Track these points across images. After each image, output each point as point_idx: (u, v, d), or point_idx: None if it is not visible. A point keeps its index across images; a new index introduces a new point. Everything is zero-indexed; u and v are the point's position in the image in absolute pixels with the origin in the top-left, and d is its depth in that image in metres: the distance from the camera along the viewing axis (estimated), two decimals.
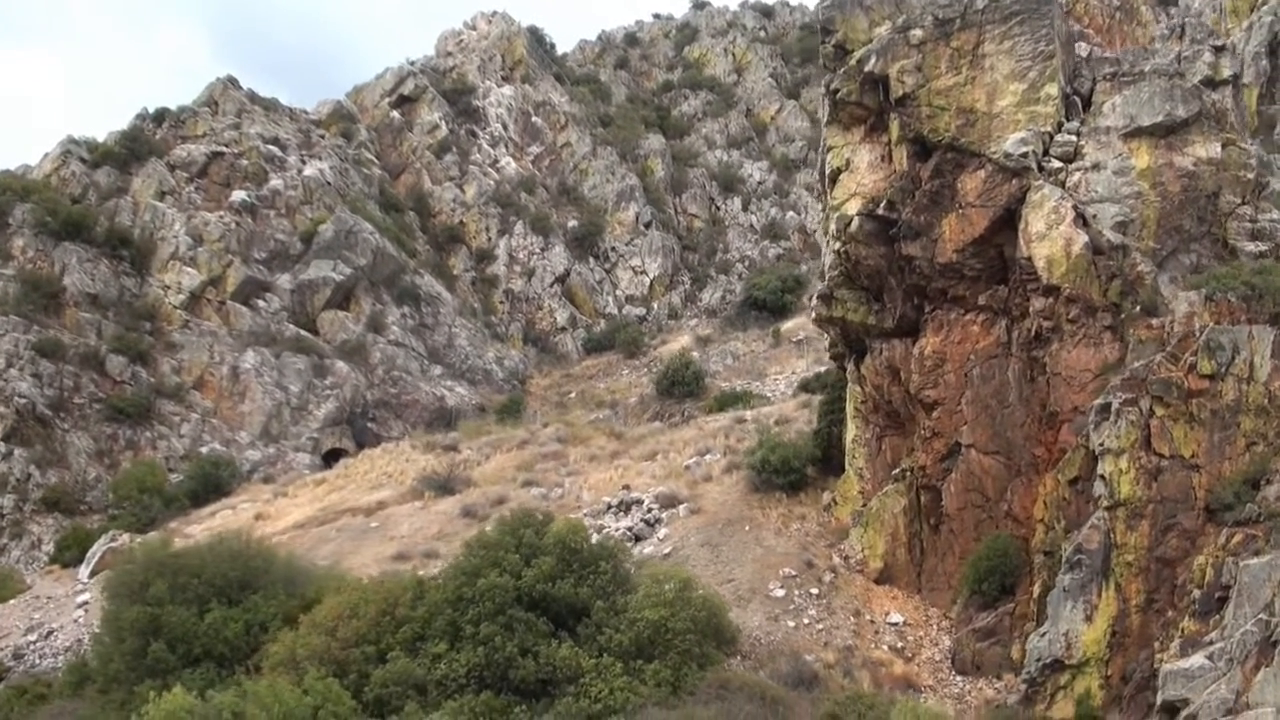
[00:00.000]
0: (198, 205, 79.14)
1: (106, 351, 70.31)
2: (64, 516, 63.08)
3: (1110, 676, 29.78)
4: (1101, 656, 29.89)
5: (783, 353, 69.25)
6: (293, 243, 78.16)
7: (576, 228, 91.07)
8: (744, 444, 43.99)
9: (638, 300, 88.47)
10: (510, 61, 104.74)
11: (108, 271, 74.80)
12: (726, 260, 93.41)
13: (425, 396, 72.66)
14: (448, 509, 43.73)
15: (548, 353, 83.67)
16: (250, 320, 73.43)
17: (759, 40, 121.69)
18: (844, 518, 37.94)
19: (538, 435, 52.04)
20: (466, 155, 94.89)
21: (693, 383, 62.45)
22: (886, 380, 37.10)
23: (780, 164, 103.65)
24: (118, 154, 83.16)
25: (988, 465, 35.12)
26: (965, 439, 35.37)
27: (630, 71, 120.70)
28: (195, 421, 68.65)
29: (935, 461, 35.94)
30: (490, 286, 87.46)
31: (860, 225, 35.74)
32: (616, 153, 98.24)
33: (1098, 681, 29.83)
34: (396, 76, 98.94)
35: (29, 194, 78.35)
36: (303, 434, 68.47)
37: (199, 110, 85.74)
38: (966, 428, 35.32)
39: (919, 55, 35.79)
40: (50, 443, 66.16)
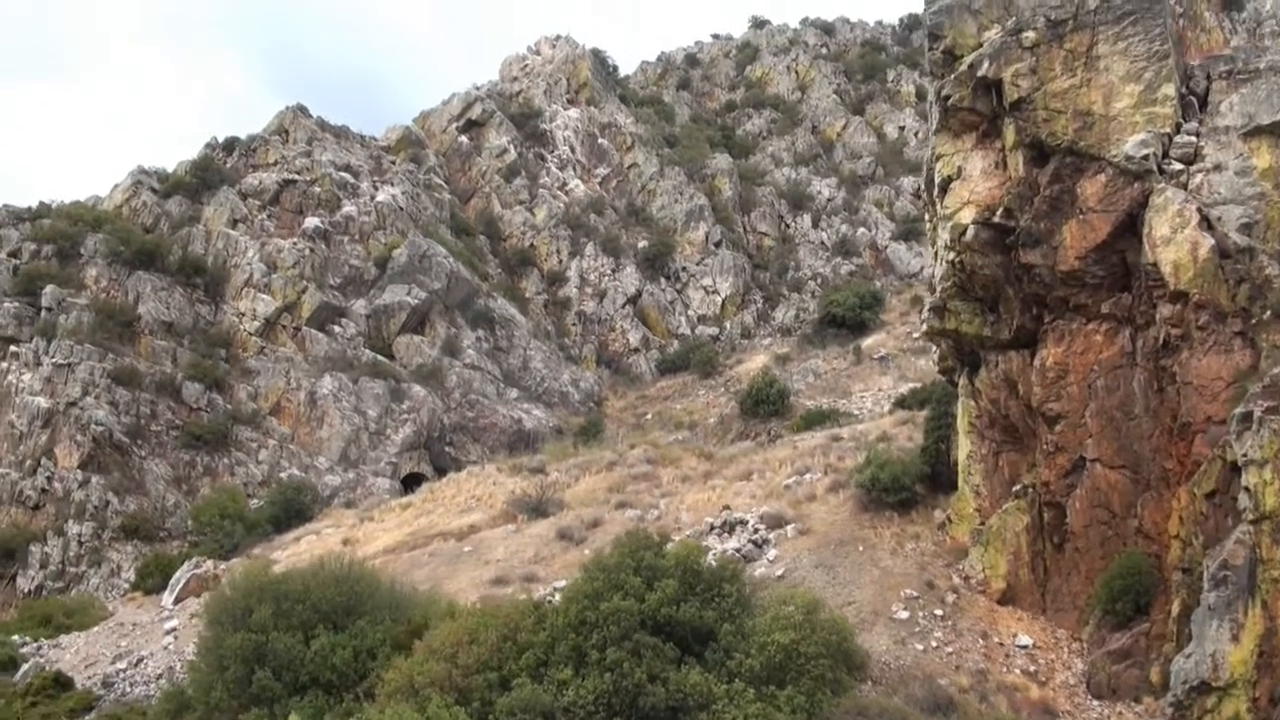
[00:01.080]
0: (270, 233, 79.34)
1: (182, 379, 70.53)
2: (143, 543, 63.14)
3: (1258, 699, 28.25)
4: (1249, 678, 28.36)
5: (865, 370, 67.97)
6: (367, 268, 78.09)
7: (646, 248, 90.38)
8: (844, 462, 42.80)
9: (710, 320, 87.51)
10: (575, 84, 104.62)
11: (182, 299, 75.10)
12: (798, 278, 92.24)
13: (503, 420, 72.02)
14: (542, 532, 42.83)
15: (621, 374, 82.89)
16: (326, 346, 73.27)
17: (821, 57, 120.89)
18: (960, 537, 36.60)
19: (626, 457, 51.09)
20: (535, 178, 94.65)
21: (777, 401, 61.32)
22: (1003, 394, 35.80)
23: (848, 180, 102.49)
24: (188, 183, 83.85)
25: (1114, 480, 33.65)
26: (1090, 453, 33.93)
27: (692, 92, 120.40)
28: (273, 447, 68.48)
29: (1058, 477, 34.51)
30: (562, 309, 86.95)
31: (976, 234, 34.53)
32: (684, 173, 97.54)
33: (1245, 704, 28.29)
34: (464, 101, 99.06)
35: (101, 224, 79.24)
36: (381, 458, 68.03)
37: (269, 138, 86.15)
38: (1091, 441, 33.88)
39: (1032, 58, 34.63)
40: (128, 470, 66.34)
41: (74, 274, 75.82)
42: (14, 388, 69.44)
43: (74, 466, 65.31)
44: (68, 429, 66.24)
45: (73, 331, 70.12)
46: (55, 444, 66.28)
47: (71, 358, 68.72)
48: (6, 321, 71.97)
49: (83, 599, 57.16)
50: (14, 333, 71.75)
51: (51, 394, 67.81)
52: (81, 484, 64.48)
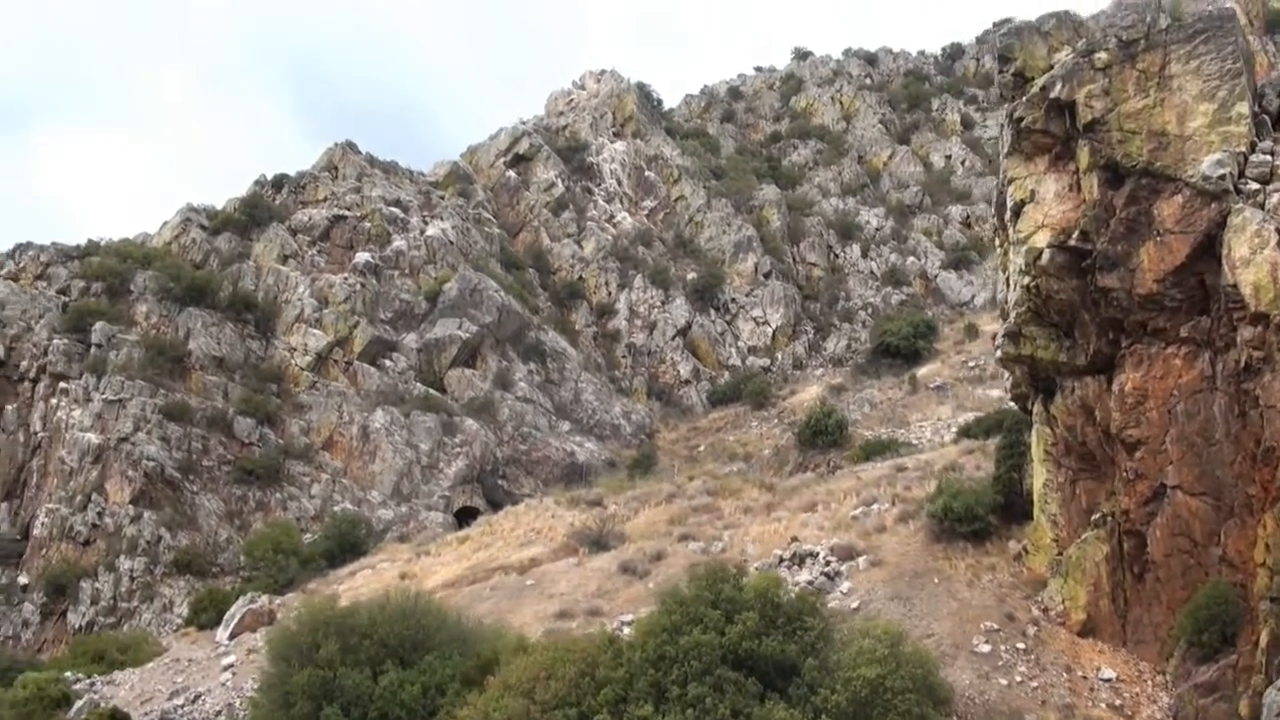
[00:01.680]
0: (321, 268, 79.59)
1: (234, 414, 70.59)
2: (195, 578, 63.08)
3: None
4: None
5: (921, 399, 67.08)
6: (417, 302, 78.12)
7: (695, 280, 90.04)
8: (911, 492, 41.96)
9: (760, 351, 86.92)
10: (621, 118, 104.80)
11: (233, 335, 75.33)
12: (849, 308, 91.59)
13: (555, 453, 71.61)
14: (604, 565, 42.22)
15: (672, 406, 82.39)
16: (378, 380, 73.23)
17: (865, 87, 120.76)
18: (1037, 567, 35.66)
19: (685, 489, 50.42)
20: (583, 211, 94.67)
21: (836, 432, 60.55)
22: (1080, 420, 34.92)
23: (896, 210, 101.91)
24: (238, 220, 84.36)
25: (1195, 507, 32.64)
26: (1170, 480, 32.95)
27: (737, 124, 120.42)
28: (325, 482, 68.34)
29: (1138, 505, 33.53)
30: (612, 341, 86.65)
31: (1051, 258, 33.78)
32: (731, 204, 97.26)
33: None
34: (511, 136, 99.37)
35: (150, 261, 79.65)
36: (434, 492, 67.74)
37: (319, 175, 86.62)
38: (1171, 468, 32.91)
39: (1105, 79, 33.97)
40: (179, 505, 66.37)
41: (124, 310, 76.24)
42: (64, 424, 69.69)
43: (125, 502, 65.44)
44: (119, 464, 66.39)
45: (123, 367, 70.40)
46: (106, 479, 66.42)
47: (122, 393, 68.93)
48: (56, 358, 72.35)
49: (136, 635, 56.89)
50: (63, 369, 72.10)
51: (102, 430, 67.99)
52: (133, 519, 64.56)
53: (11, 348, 74.53)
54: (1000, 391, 65.84)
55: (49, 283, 79.35)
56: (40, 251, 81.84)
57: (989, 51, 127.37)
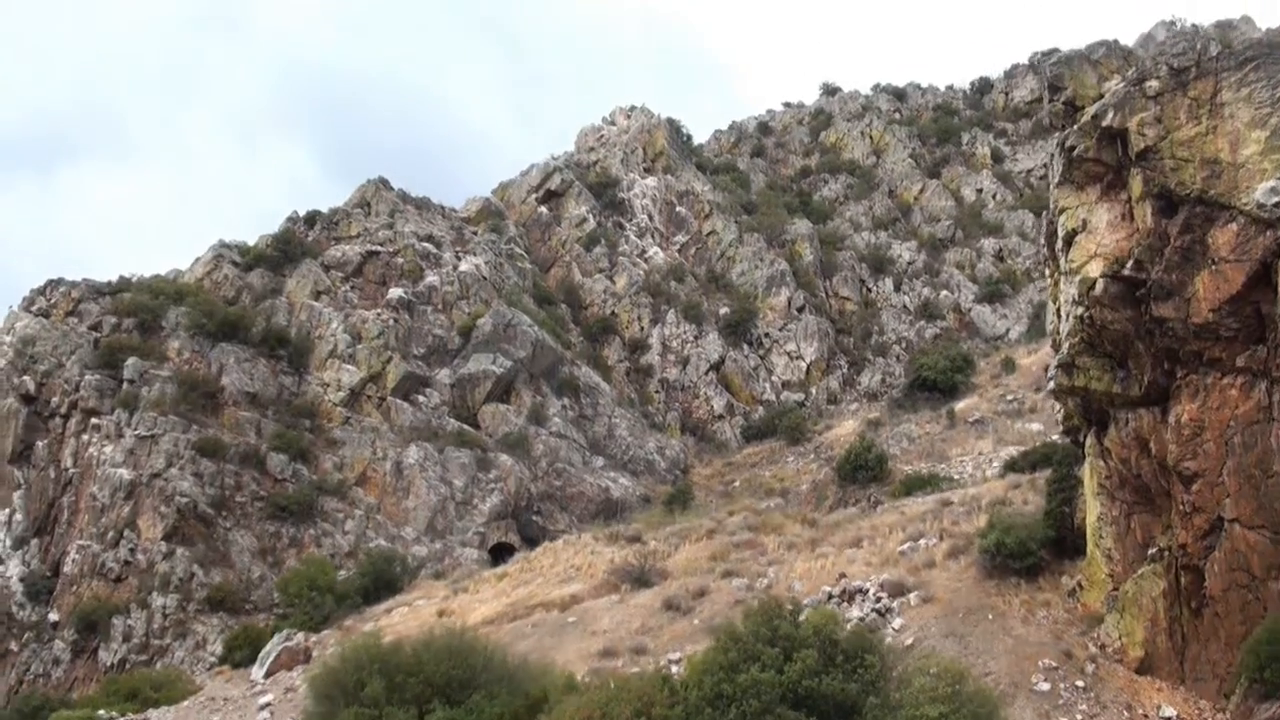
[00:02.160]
0: (354, 304, 79.58)
1: (267, 450, 70.36)
2: (229, 616, 62.66)
3: None
4: None
5: (960, 434, 66.29)
6: (451, 337, 77.96)
7: (728, 314, 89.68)
8: (959, 527, 41.31)
9: (794, 386, 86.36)
10: (651, 153, 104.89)
11: (266, 370, 75.24)
12: (882, 342, 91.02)
13: (590, 488, 71.09)
14: (647, 602, 41.65)
15: (706, 441, 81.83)
16: (411, 415, 72.96)
17: (895, 122, 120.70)
18: (1093, 603, 34.91)
19: (725, 524, 49.83)
20: (615, 247, 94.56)
21: (876, 467, 59.85)
22: (1134, 453, 34.23)
23: (928, 243, 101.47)
24: (270, 256, 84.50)
25: (1254, 541, 31.88)
26: (1228, 513, 32.24)
27: (766, 159, 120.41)
28: (359, 518, 67.96)
29: (1195, 539, 32.79)
30: (645, 376, 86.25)
31: (1105, 288, 33.25)
32: (763, 238, 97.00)
33: None
34: (542, 172, 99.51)
35: (182, 298, 79.74)
36: (469, 529, 67.26)
37: (351, 211, 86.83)
38: (1229, 501, 32.19)
39: (1157, 107, 33.53)
40: (212, 541, 66.05)
41: (156, 346, 76.25)
42: (95, 460, 69.64)
43: (158, 538, 65.16)
44: (151, 500, 66.19)
45: (156, 403, 70.30)
46: (138, 516, 66.20)
47: (155, 429, 68.77)
48: (88, 394, 72.32)
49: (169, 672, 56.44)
50: (95, 405, 72.06)
51: (134, 466, 67.83)
52: (166, 556, 64.24)
53: (42, 384, 74.64)
54: (1039, 425, 65.25)
55: (80, 319, 79.39)
56: (71, 288, 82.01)
57: (1016, 86, 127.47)
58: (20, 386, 74.47)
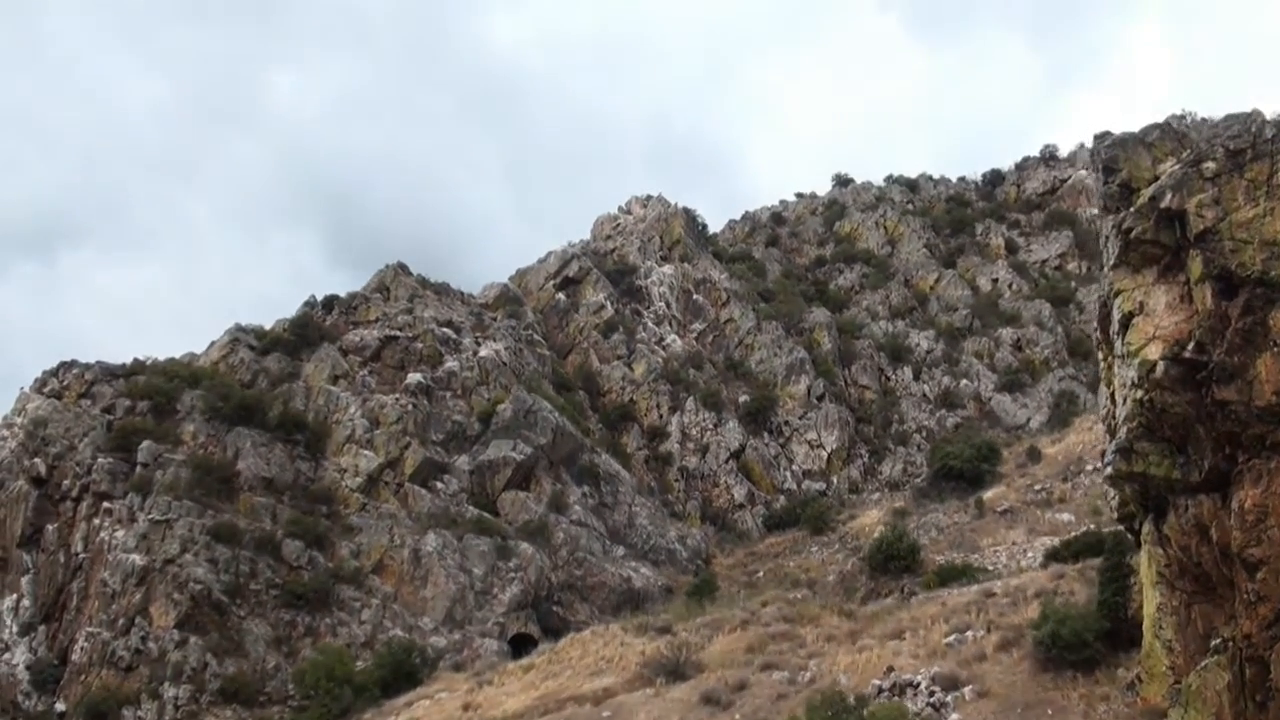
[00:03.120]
0: (372, 388, 78.82)
1: (282, 536, 69.02)
2: (243, 708, 60.94)
3: None
4: None
5: (990, 524, 65.07)
6: (470, 423, 77.07)
7: (748, 402, 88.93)
8: (1006, 619, 40.07)
9: (815, 474, 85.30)
10: (668, 242, 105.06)
11: (282, 455, 74.20)
12: (903, 431, 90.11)
13: (611, 578, 69.66)
14: (684, 696, 40.26)
15: (727, 530, 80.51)
16: (430, 502, 71.79)
17: (908, 212, 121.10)
18: (1152, 697, 33.58)
19: (759, 615, 48.51)
20: (632, 334, 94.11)
21: (909, 557, 58.61)
22: (1195, 540, 33.12)
23: (946, 332, 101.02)
24: (287, 340, 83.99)
25: None
26: None
27: (781, 248, 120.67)
28: (376, 607, 66.45)
29: (1260, 629, 31.50)
30: (664, 464, 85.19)
31: (1165, 370, 32.44)
32: (780, 326, 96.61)
33: None
34: (560, 259, 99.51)
35: (197, 381, 78.98)
36: (488, 619, 65.70)
37: (370, 296, 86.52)
38: None
39: (1214, 189, 33.05)
40: (226, 630, 64.46)
41: (170, 430, 75.24)
42: (107, 544, 68.24)
43: (170, 626, 63.50)
44: (164, 587, 64.68)
45: (170, 487, 69.13)
46: (150, 602, 64.57)
47: (169, 514, 67.48)
48: (100, 477, 71.19)
49: None
50: (108, 488, 70.86)
51: (147, 551, 66.36)
52: (178, 644, 62.56)
53: (54, 466, 73.55)
54: (1070, 515, 64.11)
55: (93, 401, 78.47)
56: (84, 370, 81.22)
57: (1028, 178, 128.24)
58: (31, 469, 73.39)
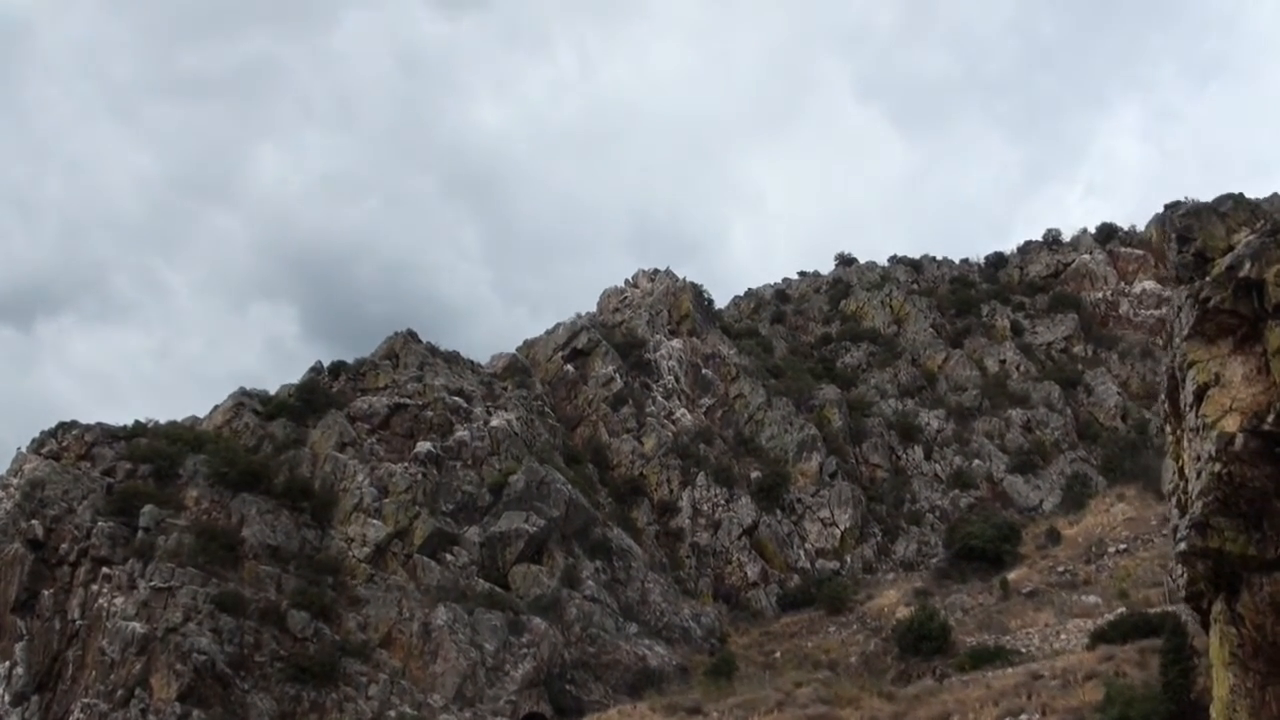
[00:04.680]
0: (381, 456, 77.26)
1: (288, 606, 66.93)
2: None
3: None
4: None
5: (1016, 605, 63.77)
6: (481, 494, 75.46)
7: (760, 479, 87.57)
8: (1060, 701, 38.75)
9: (829, 553, 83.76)
10: (676, 316, 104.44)
11: (288, 523, 72.33)
12: (915, 511, 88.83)
13: (626, 656, 67.69)
14: None
15: (741, 609, 78.68)
16: (439, 574, 69.95)
17: (914, 292, 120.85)
18: None
19: (795, 696, 46.96)
20: (641, 407, 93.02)
21: (940, 638, 57.14)
22: (1270, 620, 31.78)
23: (956, 412, 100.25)
24: (293, 406, 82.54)
25: None
26: None
27: (786, 325, 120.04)
28: (383, 682, 64.23)
29: None
30: (675, 540, 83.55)
31: (1245, 443, 31.46)
32: (791, 403, 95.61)
33: None
34: (569, 331, 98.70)
35: (201, 445, 77.30)
36: (500, 696, 63.55)
37: (379, 363, 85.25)
38: None
39: None
40: (229, 704, 62.10)
41: (173, 494, 73.27)
42: (105, 612, 65.98)
43: (172, 698, 61.06)
44: (166, 657, 62.38)
45: (173, 554, 67.11)
46: (151, 673, 62.20)
47: (172, 581, 65.38)
48: (100, 542, 68.94)
49: None
50: (107, 554, 68.60)
51: (148, 619, 64.16)
52: (180, 718, 60.30)
53: (51, 529, 71.31)
54: (1096, 598, 62.87)
55: (93, 463, 76.42)
56: (84, 431, 79.22)
57: (1032, 261, 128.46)
58: (27, 531, 71.13)
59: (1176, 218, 36.34)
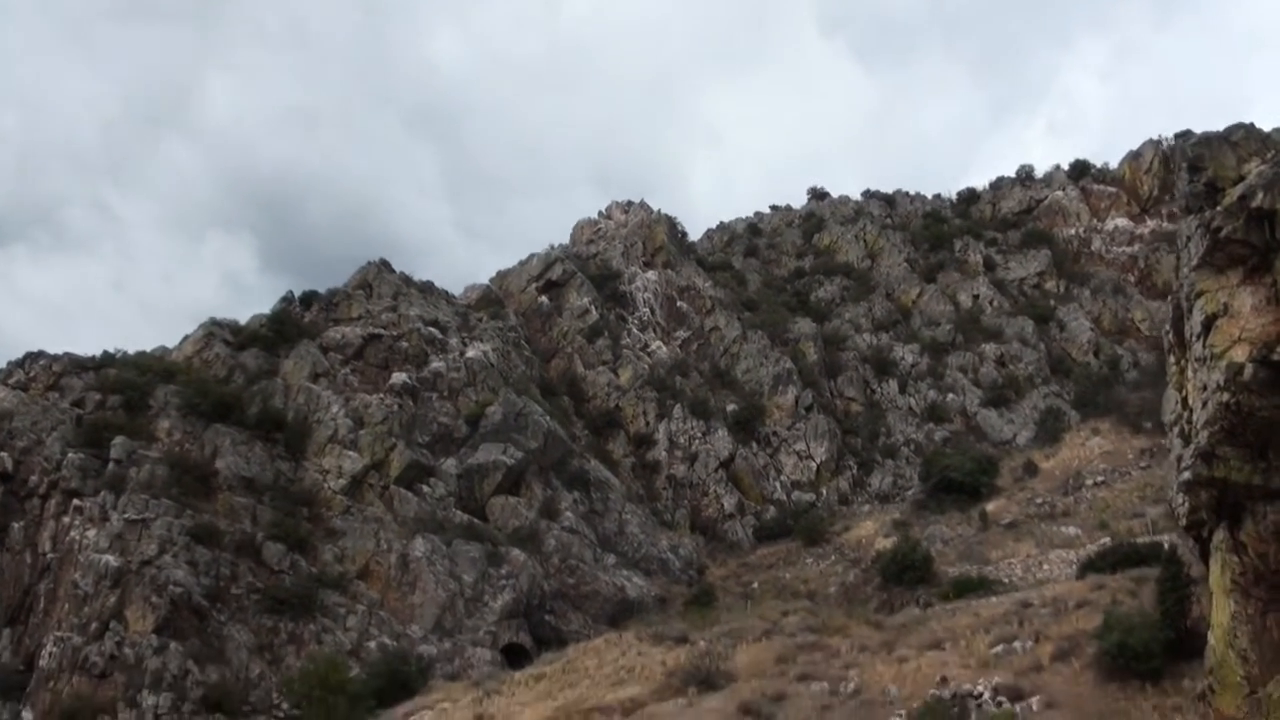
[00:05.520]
0: (354, 387, 76.25)
1: (263, 539, 66.30)
2: (226, 718, 57.89)
3: None
4: None
5: (995, 536, 64.02)
6: (457, 426, 74.71)
7: (736, 411, 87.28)
8: (1055, 629, 38.76)
9: (804, 486, 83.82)
10: (651, 248, 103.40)
11: (262, 455, 71.47)
12: (891, 444, 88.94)
13: (605, 587, 67.58)
14: (719, 707, 38.45)
15: (717, 540, 78.77)
16: (416, 506, 69.36)
17: (888, 227, 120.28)
18: (1227, 708, 32.22)
19: (782, 625, 46.82)
20: (617, 339, 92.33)
21: (923, 568, 57.27)
22: (1272, 548, 31.96)
23: (930, 346, 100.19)
24: (265, 336, 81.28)
25: None
26: None
27: (759, 259, 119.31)
28: (362, 614, 63.88)
29: None
30: (651, 472, 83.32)
31: (1254, 373, 31.23)
32: (766, 336, 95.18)
33: None
34: (543, 262, 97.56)
35: (172, 376, 76.06)
36: (480, 627, 63.33)
37: (352, 293, 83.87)
38: None
39: None
40: (206, 636, 61.49)
41: (144, 425, 72.03)
42: (78, 544, 64.94)
43: (148, 631, 60.29)
44: (141, 590, 61.48)
45: (145, 485, 66.08)
46: (126, 606, 61.32)
47: (146, 513, 64.36)
48: (70, 474, 67.82)
49: None
50: (78, 485, 67.52)
51: (122, 552, 63.19)
52: (157, 650, 59.35)
53: (20, 461, 70.13)
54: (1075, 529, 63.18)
55: (62, 394, 75.05)
56: (52, 361, 77.64)
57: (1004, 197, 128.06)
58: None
59: (1188, 146, 35.81)
